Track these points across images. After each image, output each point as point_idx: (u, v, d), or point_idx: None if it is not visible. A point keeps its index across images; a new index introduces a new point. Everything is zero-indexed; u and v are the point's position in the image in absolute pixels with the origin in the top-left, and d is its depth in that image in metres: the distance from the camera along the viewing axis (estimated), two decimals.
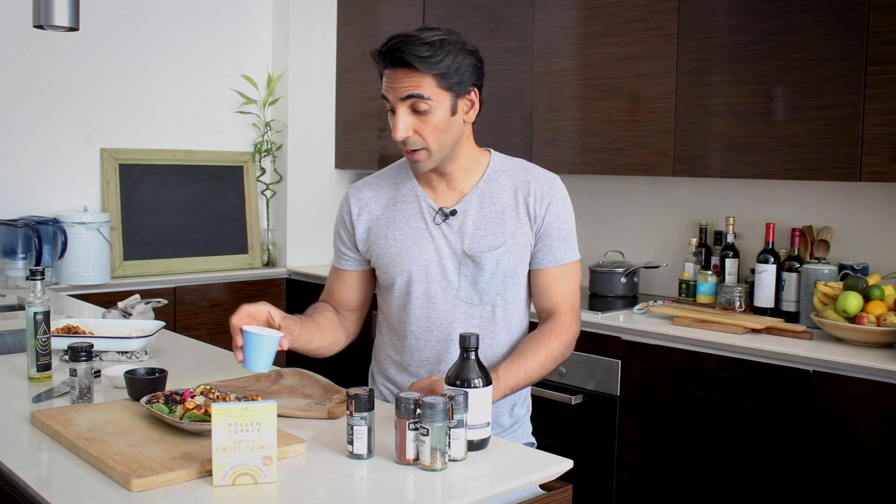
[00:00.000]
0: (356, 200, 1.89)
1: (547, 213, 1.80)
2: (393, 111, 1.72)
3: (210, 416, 1.48)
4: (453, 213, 1.80)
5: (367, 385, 1.65)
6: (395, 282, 1.83)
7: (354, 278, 1.93)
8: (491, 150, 1.88)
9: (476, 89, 1.75)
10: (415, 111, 1.69)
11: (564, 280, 1.83)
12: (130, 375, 1.78)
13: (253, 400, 1.52)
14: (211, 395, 1.58)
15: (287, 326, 1.70)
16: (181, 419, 1.51)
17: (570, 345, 1.83)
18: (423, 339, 1.83)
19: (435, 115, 1.69)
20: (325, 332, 1.86)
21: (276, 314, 1.69)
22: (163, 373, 1.82)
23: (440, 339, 1.82)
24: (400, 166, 1.90)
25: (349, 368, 2.48)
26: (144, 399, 1.61)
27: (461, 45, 1.71)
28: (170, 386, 1.75)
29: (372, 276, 1.94)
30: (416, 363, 1.85)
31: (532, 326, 1.90)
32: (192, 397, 1.57)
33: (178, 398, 1.58)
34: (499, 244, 1.78)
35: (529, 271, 1.85)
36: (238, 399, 1.56)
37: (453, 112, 1.72)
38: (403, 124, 1.69)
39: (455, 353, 1.76)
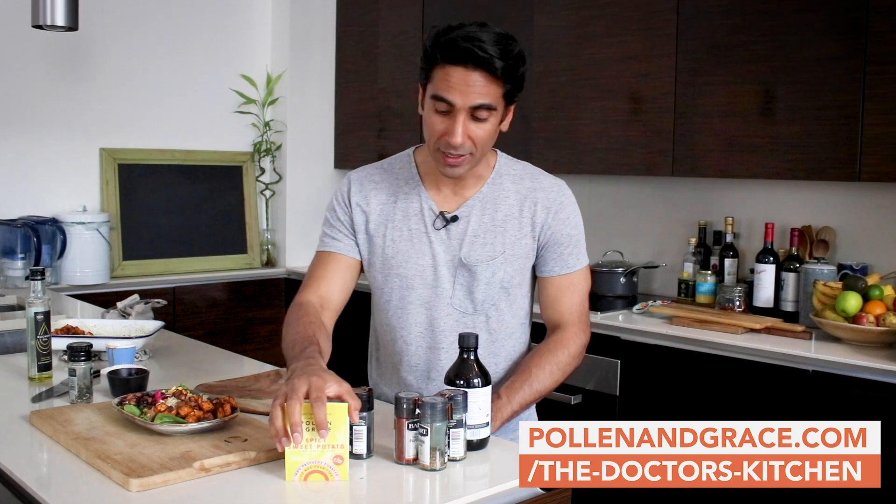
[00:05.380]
0: (358, 188, 1.81)
1: (554, 222, 1.76)
2: (447, 112, 1.61)
3: (182, 417, 1.51)
4: (454, 219, 1.76)
5: (366, 385, 1.64)
6: (389, 284, 1.79)
7: (345, 265, 1.80)
8: (497, 150, 1.83)
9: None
10: (474, 118, 1.61)
11: (572, 290, 1.79)
12: (112, 375, 1.79)
13: (227, 402, 1.55)
14: (182, 397, 1.57)
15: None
16: (152, 421, 1.51)
17: (579, 355, 1.79)
18: (415, 345, 1.80)
19: (490, 123, 1.63)
20: (329, 344, 1.73)
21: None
22: (142, 373, 1.82)
23: (431, 346, 1.79)
24: (402, 161, 1.83)
25: (349, 369, 2.47)
26: (115, 400, 1.61)
27: (524, 56, 1.64)
28: (168, 386, 1.75)
29: (357, 271, 1.84)
30: (406, 368, 1.82)
31: (537, 331, 1.88)
32: (164, 399, 1.57)
33: (150, 400, 1.58)
34: (496, 254, 1.74)
35: (538, 278, 1.82)
36: (211, 401, 1.56)
37: (501, 121, 1.67)
38: (464, 131, 1.60)
39: (448, 360, 1.75)
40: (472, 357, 1.51)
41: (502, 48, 1.58)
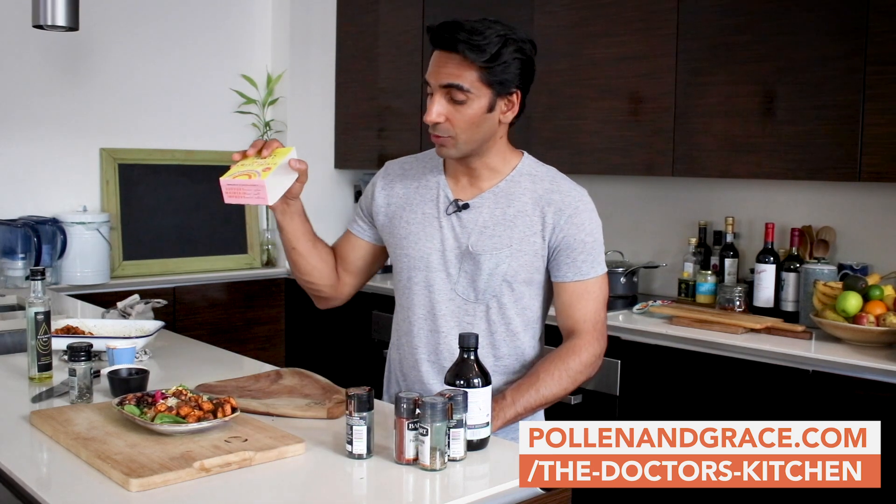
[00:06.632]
0: (385, 174, 1.92)
1: (567, 225, 1.77)
2: (431, 94, 1.71)
3: (182, 417, 1.51)
4: (466, 206, 1.80)
5: (369, 385, 1.64)
6: (399, 264, 1.86)
7: (360, 246, 1.95)
8: (524, 153, 1.87)
9: (519, 92, 1.75)
10: (452, 100, 1.68)
11: (587, 297, 1.80)
12: (112, 375, 1.79)
13: (227, 402, 1.56)
14: (182, 397, 1.57)
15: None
16: (152, 421, 1.51)
17: (591, 364, 1.78)
18: (418, 326, 1.84)
19: (470, 107, 1.69)
20: (325, 254, 1.91)
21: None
22: (143, 373, 1.82)
23: (433, 329, 1.82)
24: (434, 152, 1.89)
25: (349, 369, 2.48)
26: (115, 400, 1.61)
27: (518, 45, 1.70)
28: (168, 386, 1.75)
29: (376, 254, 1.96)
30: (411, 348, 1.86)
31: (550, 334, 1.88)
32: (164, 399, 1.57)
33: (150, 400, 1.58)
34: (503, 247, 1.77)
35: (553, 284, 1.82)
36: (211, 401, 1.56)
37: (490, 109, 1.71)
38: (437, 109, 1.69)
39: (447, 345, 1.79)
40: (472, 357, 1.51)
41: (475, 33, 1.66)
